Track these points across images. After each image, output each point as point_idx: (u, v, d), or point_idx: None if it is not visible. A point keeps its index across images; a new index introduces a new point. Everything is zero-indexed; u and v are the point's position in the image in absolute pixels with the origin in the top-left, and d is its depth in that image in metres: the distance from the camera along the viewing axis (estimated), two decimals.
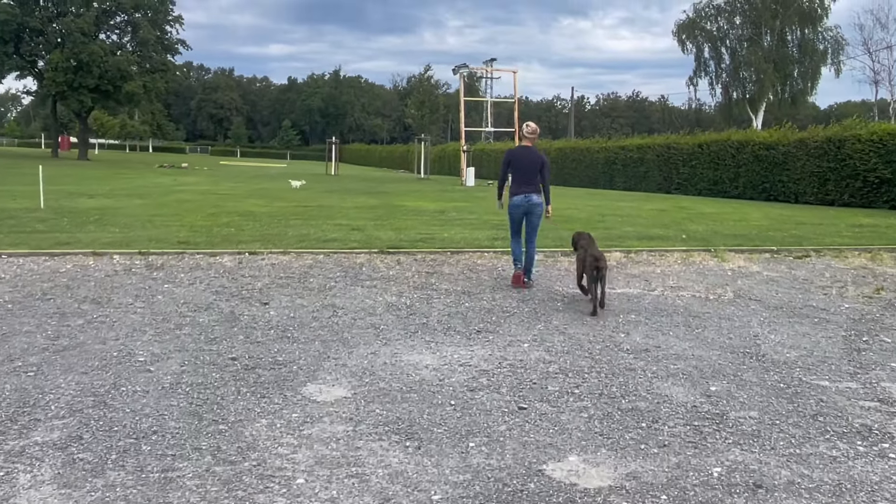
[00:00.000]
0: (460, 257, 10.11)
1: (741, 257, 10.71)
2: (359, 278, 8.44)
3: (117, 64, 51.81)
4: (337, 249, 10.31)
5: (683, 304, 7.49)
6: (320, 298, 7.33)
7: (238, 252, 9.87)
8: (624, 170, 35.66)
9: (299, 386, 4.73)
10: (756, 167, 27.71)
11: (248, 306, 6.93)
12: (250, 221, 14.07)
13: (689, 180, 31.30)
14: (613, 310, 7.13)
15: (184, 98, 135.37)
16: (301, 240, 11.29)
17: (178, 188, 24.77)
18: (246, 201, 19.34)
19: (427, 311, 6.89)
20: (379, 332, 6.11)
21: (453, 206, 19.11)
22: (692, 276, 9.10)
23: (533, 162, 8.22)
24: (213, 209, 16.59)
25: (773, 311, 7.28)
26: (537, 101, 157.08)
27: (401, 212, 17.13)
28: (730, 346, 5.92)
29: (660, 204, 22.05)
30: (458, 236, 12.21)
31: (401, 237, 11.88)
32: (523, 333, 6.17)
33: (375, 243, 10.95)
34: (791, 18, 40.64)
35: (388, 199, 21.47)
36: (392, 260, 9.72)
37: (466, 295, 7.66)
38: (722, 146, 29.56)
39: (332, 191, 25.71)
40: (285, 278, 8.31)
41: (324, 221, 14.31)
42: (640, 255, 10.74)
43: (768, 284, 8.71)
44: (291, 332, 6.06)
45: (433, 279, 8.50)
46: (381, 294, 7.61)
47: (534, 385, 4.83)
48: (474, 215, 16.45)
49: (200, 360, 5.20)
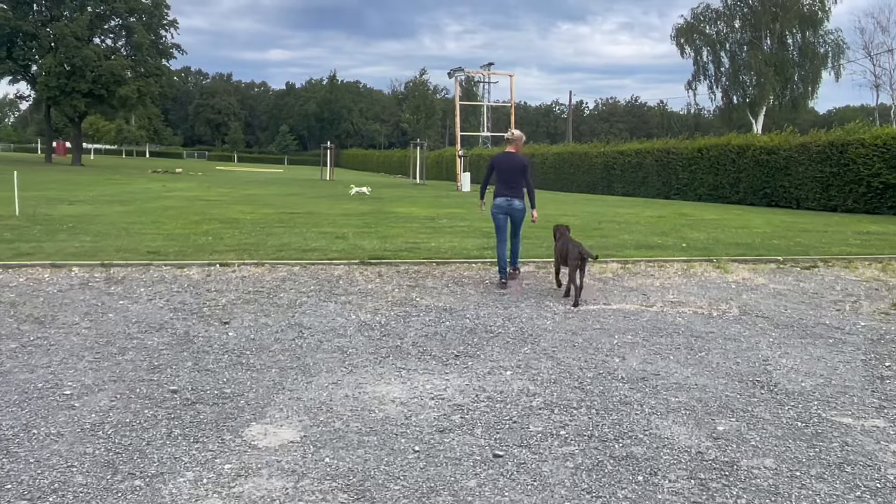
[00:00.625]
0: (446, 268, 9.47)
1: (745, 268, 10.07)
2: (334, 293, 7.80)
3: (111, 68, 51.24)
4: (315, 260, 9.66)
5: (685, 322, 6.85)
6: (287, 316, 6.68)
7: (209, 263, 9.23)
8: (622, 175, 35.04)
9: (242, 426, 4.08)
10: (757, 172, 27.08)
11: (206, 326, 6.28)
12: (232, 229, 13.44)
13: (688, 185, 30.67)
14: (608, 329, 6.48)
15: (181, 103, 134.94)
16: (280, 249, 10.65)
17: (166, 194, 24.14)
18: (232, 208, 18.71)
19: (402, 332, 6.24)
20: (345, 357, 5.46)
21: (445, 213, 18.48)
22: (693, 290, 8.46)
23: (515, 167, 8.50)
24: (196, 216, 15.95)
25: (783, 330, 6.64)
26: (536, 106, 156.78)
27: (390, 219, 16.50)
28: (737, 373, 5.28)
29: (659, 210, 21.43)
30: (447, 245, 11.58)
31: (385, 246, 11.24)
32: (507, 358, 5.53)
33: (357, 253, 10.31)
34: (791, 22, 40.08)
35: (378, 206, 20.83)
36: (373, 272, 9.08)
37: (448, 312, 7.02)
38: (722, 151, 28.94)
39: (323, 197, 25.08)
40: (254, 293, 7.67)
41: (308, 229, 13.67)
42: (637, 265, 10.10)
43: (776, 299, 8.07)
44: (247, 357, 5.42)
45: (414, 293, 7.86)
46: (355, 311, 6.96)
47: (513, 424, 4.18)
48: (465, 223, 15.81)
49: (135, 394, 4.56)
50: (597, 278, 9.05)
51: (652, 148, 33.49)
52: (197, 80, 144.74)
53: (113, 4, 53.96)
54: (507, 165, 8.51)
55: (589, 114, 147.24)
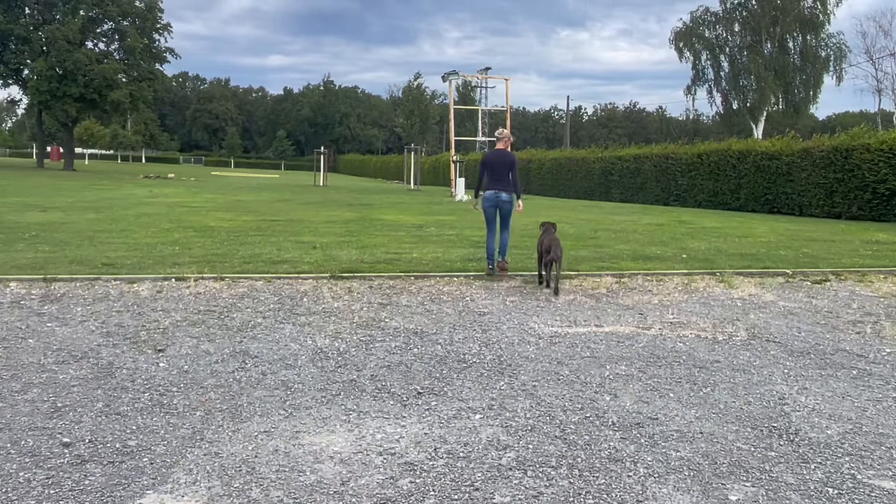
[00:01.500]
0: (424, 283, 8.64)
1: (751, 282, 9.24)
2: (294, 312, 6.97)
3: (103, 72, 50.43)
4: (283, 274, 8.84)
5: (686, 348, 6.01)
6: (234, 342, 5.85)
7: (164, 277, 8.40)
8: (620, 181, 34.28)
9: (133, 497, 3.24)
10: (758, 178, 26.33)
11: (137, 354, 5.45)
12: (204, 238, 12.62)
13: (688, 192, 29.92)
14: (599, 358, 5.65)
15: (179, 108, 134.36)
16: (247, 261, 9.82)
17: (148, 200, 23.31)
18: (212, 215, 17.88)
19: (362, 361, 5.41)
20: (288, 395, 4.64)
21: (434, 221, 17.67)
22: (696, 308, 7.63)
23: (504, 163, 9.19)
24: (171, 224, 15.12)
25: (798, 358, 5.81)
26: (534, 112, 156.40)
27: (375, 227, 15.69)
28: (749, 417, 4.45)
29: (658, 217, 20.62)
30: (429, 256, 10.75)
31: (363, 258, 10.42)
32: (478, 396, 4.70)
33: (330, 266, 9.48)
34: (791, 25, 39.33)
35: (366, 213, 20.02)
36: (343, 287, 8.24)
37: (419, 336, 6.19)
38: (722, 156, 28.20)
39: (312, 203, 24.27)
40: (204, 312, 6.84)
41: (285, 238, 12.85)
42: (634, 279, 9.27)
43: (787, 319, 7.24)
44: (172, 395, 4.59)
45: (384, 313, 7.03)
46: (313, 335, 6.13)
47: (474, 493, 3.35)
48: (454, 231, 14.99)
49: (18, 448, 3.72)
50: (589, 294, 8.23)
51: (650, 153, 32.75)
52: (194, 86, 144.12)
53: (105, 8, 53.19)
54: (497, 161, 9.22)
55: (587, 119, 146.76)
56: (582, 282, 8.96)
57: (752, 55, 40.33)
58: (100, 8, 53.40)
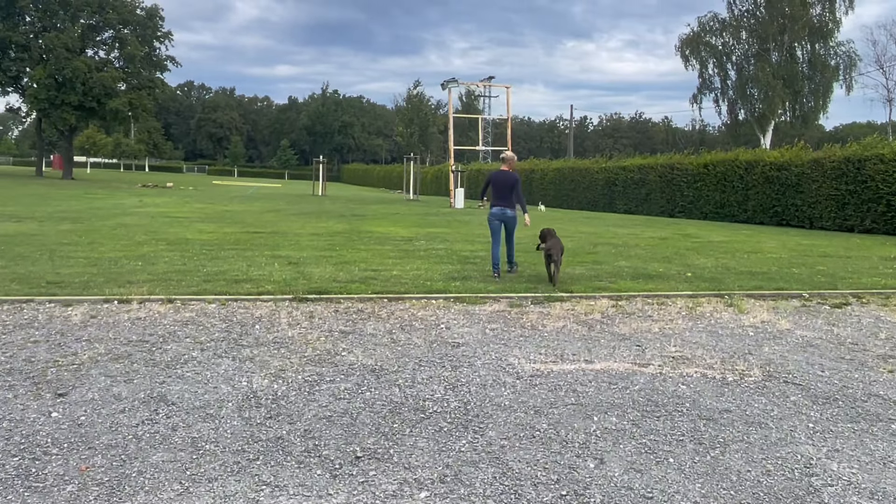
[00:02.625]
0: (398, 306, 7.72)
1: (763, 306, 8.29)
2: (240, 343, 6.06)
3: (102, 80, 49.84)
4: (242, 295, 7.93)
5: (690, 392, 5.08)
6: (155, 383, 4.94)
7: (106, 299, 7.51)
8: (625, 192, 33.36)
9: None
10: (767, 189, 25.38)
11: (31, 400, 4.55)
12: (174, 252, 11.75)
13: (693, 203, 28.99)
14: (585, 406, 4.72)
15: (184, 117, 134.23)
16: (209, 279, 8.93)
17: (134, 210, 22.49)
18: (194, 226, 17.03)
19: (299, 410, 4.50)
20: (194, 460, 3.72)
21: (427, 233, 16.77)
22: (701, 338, 6.69)
23: (507, 182, 9.95)
24: (145, 236, 14.27)
25: (824, 406, 4.87)
26: (540, 122, 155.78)
27: (362, 240, 14.79)
28: (769, 493, 3.51)
29: (662, 230, 19.68)
30: (410, 274, 9.84)
31: (338, 275, 9.51)
32: (430, 462, 3.77)
33: (298, 285, 8.58)
34: (800, 33, 38.35)
35: (357, 224, 19.14)
36: (304, 311, 7.34)
37: (376, 375, 5.27)
38: (729, 167, 27.26)
39: (304, 213, 23.42)
40: (135, 343, 5.94)
41: (261, 253, 11.97)
42: (633, 302, 8.33)
43: (806, 352, 6.29)
44: (48, 459, 3.68)
45: (343, 344, 6.11)
46: (252, 373, 5.22)
47: None
48: (445, 244, 14.09)
49: None
50: (581, 321, 7.29)
51: (655, 163, 31.82)
52: (200, 95, 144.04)
53: (106, 16, 52.68)
54: (501, 181, 9.96)
55: (593, 129, 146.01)
56: (575, 305, 8.03)
57: (759, 63, 39.36)
58: (100, 15, 52.93)
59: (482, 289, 8.75)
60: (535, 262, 11.17)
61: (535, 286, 9.06)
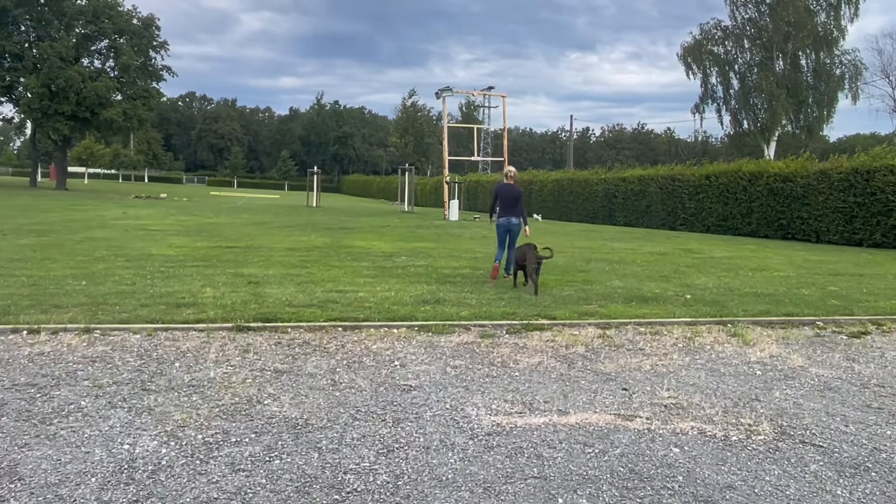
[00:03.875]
0: (351, 337, 6.72)
1: (772, 337, 7.27)
2: (147, 387, 5.06)
3: (96, 90, 49.10)
4: (176, 323, 6.94)
5: (684, 458, 4.06)
6: (12, 446, 3.94)
7: (14, 329, 6.51)
8: (625, 203, 32.41)
9: None
10: (771, 202, 24.41)
11: None
12: (129, 269, 10.78)
13: (695, 216, 28.01)
14: (550, 479, 3.69)
15: (185, 128, 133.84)
16: (148, 303, 7.94)
17: (111, 222, 21.54)
18: (166, 240, 16.06)
19: (178, 491, 3.48)
20: None
21: (411, 248, 15.78)
22: (700, 379, 5.67)
23: (513, 195, 10.74)
24: (107, 251, 13.30)
25: (853, 478, 3.84)
26: (541, 133, 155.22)
27: (339, 255, 13.81)
28: None
29: (661, 245, 18.67)
30: (379, 296, 8.84)
31: (296, 298, 8.52)
32: None
33: (247, 311, 7.58)
34: (804, 41, 37.38)
35: (340, 238, 18.17)
36: (240, 344, 6.33)
37: (296, 434, 4.26)
38: (732, 178, 26.31)
39: (289, 226, 22.46)
40: (19, 388, 4.94)
41: (224, 270, 10.99)
42: (623, 331, 7.32)
43: (825, 399, 5.27)
44: None
45: (271, 388, 5.11)
46: (144, 430, 4.21)
47: None
48: (427, 261, 13.10)
49: None
50: (561, 356, 6.28)
51: (656, 174, 30.90)
52: (201, 106, 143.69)
53: (101, 25, 52.01)
54: (507, 194, 10.78)
55: (595, 141, 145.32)
56: (556, 335, 7.01)
57: (763, 72, 38.40)
58: (95, 25, 52.28)
59: (454, 314, 7.74)
60: None
61: (515, 309, 8.06)
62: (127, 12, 53.82)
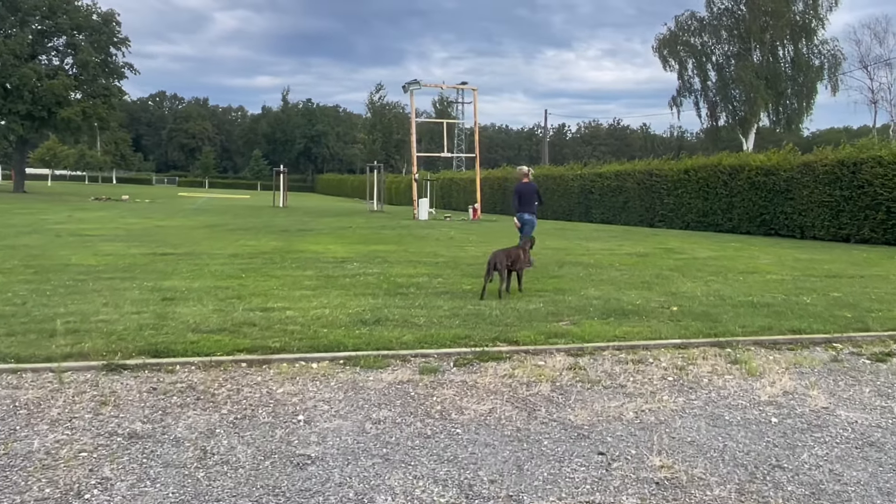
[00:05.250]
0: (254, 377, 5.24)
1: (781, 363, 5.92)
2: None
3: (52, 88, 46.94)
4: (31, 361, 5.42)
5: None
6: None
7: None
8: (601, 199, 31.22)
9: None
10: (753, 196, 23.30)
11: None
12: (30, 283, 9.25)
13: (674, 211, 26.86)
14: None
15: (155, 128, 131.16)
16: (16, 331, 6.41)
17: (49, 227, 19.79)
18: (97, 246, 14.46)
19: None
20: None
21: (368, 252, 14.33)
22: (700, 433, 4.29)
23: (530, 192, 12.21)
24: (19, 261, 11.69)
25: None
26: (517, 130, 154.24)
27: (285, 262, 12.32)
28: None
29: (641, 244, 17.39)
30: (311, 314, 7.38)
31: (209, 320, 7.03)
32: None
33: (139, 339, 6.08)
34: (782, 31, 36.38)
35: (294, 242, 16.67)
36: (104, 391, 4.84)
37: None
38: (712, 172, 25.18)
39: (243, 229, 20.90)
40: None
41: (142, 283, 9.48)
42: (599, 359, 5.92)
43: (869, 462, 3.90)
44: None
45: (109, 468, 3.63)
46: None
47: None
48: (382, 267, 11.66)
49: None
50: (520, 399, 4.86)
51: (633, 170, 29.78)
52: (172, 105, 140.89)
53: (57, 20, 49.80)
54: (526, 191, 12.15)
55: (571, 137, 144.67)
56: (516, 367, 5.60)
57: (741, 63, 37.36)
58: (51, 20, 50.05)
59: (394, 339, 6.30)
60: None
61: (470, 330, 6.64)
62: (86, 7, 51.68)
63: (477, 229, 23.92)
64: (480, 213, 31.72)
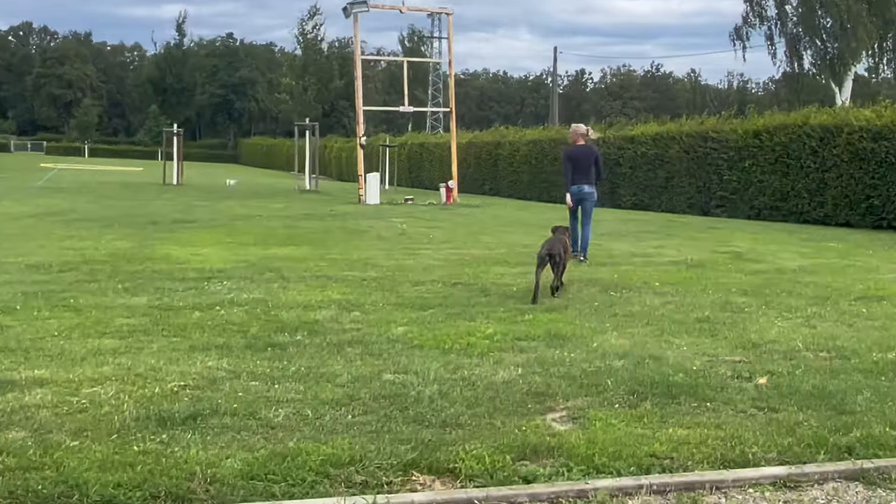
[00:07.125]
0: None
1: None
2: None
3: None
4: None
5: None
6: None
7: None
8: (633, 175, 30.00)
9: None
10: (855, 170, 22.13)
11: None
12: None
13: (739, 193, 25.65)
14: None
15: (17, 73, 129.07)
16: None
17: None
18: None
19: None
20: None
21: (263, 259, 12.71)
22: None
23: (587, 157, 13.15)
24: None
25: None
26: (519, 79, 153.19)
27: (111, 280, 10.39)
28: None
29: (692, 245, 15.99)
30: (66, 400, 5.25)
31: None
32: None
33: None
34: None
35: (151, 242, 15.06)
36: None
37: None
38: (795, 135, 23.96)
39: (90, 219, 19.35)
40: None
41: None
42: None
43: None
44: None
45: None
46: None
47: None
48: (267, 290, 9.76)
49: None
50: None
51: (679, 132, 28.69)
52: (42, 42, 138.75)
53: None
54: (582, 156, 13.21)
55: (593, 88, 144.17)
56: None
57: None
58: None
59: (198, 471, 4.16)
60: None
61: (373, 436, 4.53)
62: None
63: (447, 219, 22.46)
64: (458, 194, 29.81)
